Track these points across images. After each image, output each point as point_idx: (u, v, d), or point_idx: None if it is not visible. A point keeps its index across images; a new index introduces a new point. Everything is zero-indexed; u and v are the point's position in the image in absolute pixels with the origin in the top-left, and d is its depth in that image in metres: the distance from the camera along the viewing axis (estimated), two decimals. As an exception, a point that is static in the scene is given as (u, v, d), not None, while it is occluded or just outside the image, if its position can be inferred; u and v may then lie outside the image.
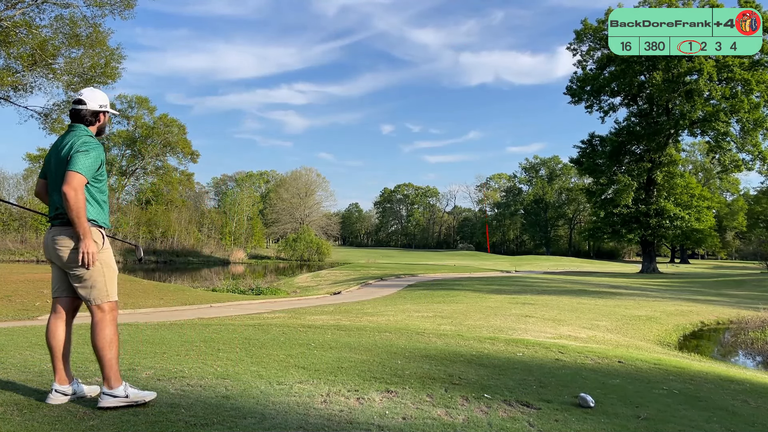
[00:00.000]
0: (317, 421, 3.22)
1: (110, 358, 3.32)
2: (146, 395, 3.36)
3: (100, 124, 3.60)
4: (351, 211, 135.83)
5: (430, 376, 4.58)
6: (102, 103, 3.58)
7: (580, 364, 6.04)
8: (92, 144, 3.38)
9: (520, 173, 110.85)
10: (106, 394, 3.28)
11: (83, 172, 3.25)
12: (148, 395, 3.36)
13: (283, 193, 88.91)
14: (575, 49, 47.03)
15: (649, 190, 43.77)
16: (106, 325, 3.36)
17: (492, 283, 24.80)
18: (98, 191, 3.43)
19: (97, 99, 3.57)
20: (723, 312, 16.52)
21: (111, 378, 3.30)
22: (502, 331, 9.62)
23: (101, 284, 3.35)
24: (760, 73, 38.96)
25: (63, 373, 3.39)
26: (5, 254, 41.22)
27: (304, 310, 13.50)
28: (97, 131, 3.60)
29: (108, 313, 3.38)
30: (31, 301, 12.77)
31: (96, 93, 3.60)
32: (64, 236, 3.32)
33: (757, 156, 41.74)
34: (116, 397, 3.26)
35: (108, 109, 3.64)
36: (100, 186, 3.44)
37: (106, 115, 3.63)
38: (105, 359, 3.32)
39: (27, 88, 27.14)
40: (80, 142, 3.36)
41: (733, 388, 5.51)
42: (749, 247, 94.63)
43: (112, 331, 3.36)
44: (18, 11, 24.69)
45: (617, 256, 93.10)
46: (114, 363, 3.33)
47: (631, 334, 11.62)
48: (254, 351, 5.42)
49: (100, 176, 3.42)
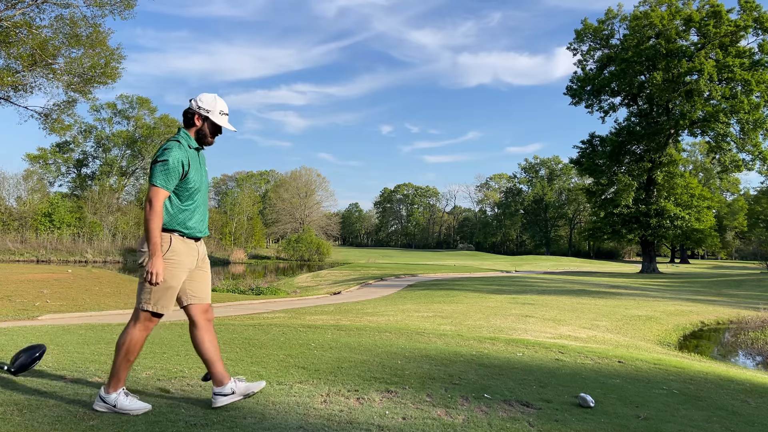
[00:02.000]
0: (317, 421, 3.22)
1: (119, 363, 3.29)
2: (135, 408, 3.22)
3: (197, 128, 3.43)
4: (351, 211, 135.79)
5: (430, 376, 4.58)
6: (205, 107, 3.41)
7: (580, 364, 6.04)
8: (171, 148, 3.27)
9: (519, 173, 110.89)
10: (99, 397, 3.27)
11: (159, 185, 3.21)
12: (137, 409, 3.23)
13: (283, 193, 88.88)
14: (575, 49, 47.06)
15: (650, 190, 43.76)
16: (132, 329, 3.34)
17: (492, 283, 24.79)
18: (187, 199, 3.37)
19: (203, 101, 3.43)
20: (723, 312, 16.51)
21: (110, 383, 3.28)
22: (502, 331, 9.62)
23: (147, 290, 3.31)
24: (760, 74, 38.96)
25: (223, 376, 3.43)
26: (5, 254, 41.21)
27: (304, 310, 13.50)
28: (196, 137, 3.43)
29: (140, 321, 3.34)
30: (31, 301, 12.77)
31: (207, 96, 3.45)
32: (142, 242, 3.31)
33: (757, 156, 41.73)
34: (105, 404, 3.24)
35: (210, 116, 3.41)
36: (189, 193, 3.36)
37: (207, 122, 3.43)
38: (114, 361, 3.31)
39: (27, 88, 27.17)
40: (161, 150, 3.30)
41: (733, 388, 5.51)
42: (749, 247, 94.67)
43: (134, 338, 3.31)
44: (18, 11, 24.69)
45: (617, 256, 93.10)
46: (120, 370, 3.28)
47: (631, 334, 11.62)
48: (254, 351, 5.42)
49: (186, 183, 3.32)
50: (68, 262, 40.42)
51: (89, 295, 14.48)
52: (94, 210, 54.46)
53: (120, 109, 65.25)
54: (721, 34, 39.73)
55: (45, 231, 48.15)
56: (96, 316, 11.35)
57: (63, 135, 42.21)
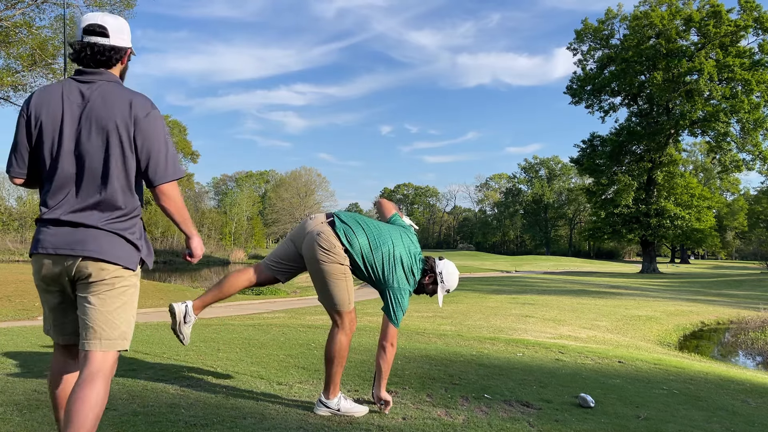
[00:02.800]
0: (317, 421, 3.22)
1: (334, 371, 3.38)
2: (357, 411, 3.41)
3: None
4: (351, 212, 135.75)
5: (430, 376, 4.58)
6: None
7: (580, 364, 6.04)
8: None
9: (519, 174, 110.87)
10: (320, 402, 3.42)
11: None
12: (359, 411, 3.42)
13: (283, 193, 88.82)
14: (575, 49, 47.07)
15: (650, 190, 43.76)
16: (338, 334, 3.40)
17: (492, 283, 24.79)
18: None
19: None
20: (723, 312, 16.51)
21: (329, 389, 3.39)
22: (503, 331, 9.62)
23: (342, 291, 3.39)
24: (761, 73, 38.96)
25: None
26: (5, 254, 41.20)
27: (304, 310, 13.50)
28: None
29: (345, 322, 3.42)
30: (31, 301, 12.76)
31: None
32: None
33: (757, 156, 41.73)
34: (328, 408, 3.38)
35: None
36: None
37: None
38: (329, 370, 3.40)
39: (27, 89, 27.14)
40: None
41: (734, 388, 5.51)
42: (749, 247, 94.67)
43: (344, 342, 3.39)
44: (18, 11, 24.70)
45: (617, 256, 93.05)
46: (335, 376, 3.39)
47: (632, 334, 11.62)
48: (254, 351, 5.42)
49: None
50: (68, 262, 40.34)
51: (89, 295, 14.47)
52: (94, 210, 54.43)
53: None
54: (721, 34, 39.73)
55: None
56: (96, 316, 11.33)
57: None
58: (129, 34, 2.49)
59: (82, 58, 2.38)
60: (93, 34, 2.36)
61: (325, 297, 3.40)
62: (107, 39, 2.38)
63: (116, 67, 2.46)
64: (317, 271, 3.36)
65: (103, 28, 2.37)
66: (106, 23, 2.39)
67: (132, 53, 2.53)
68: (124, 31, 2.44)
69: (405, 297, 3.48)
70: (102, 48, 2.37)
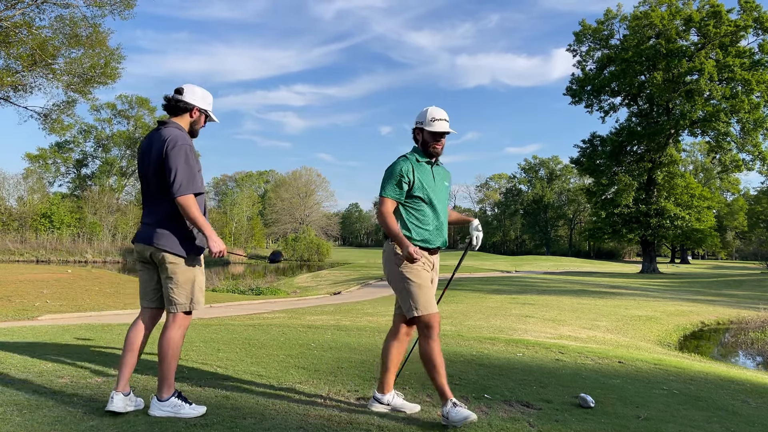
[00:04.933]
0: (317, 421, 3.22)
1: (438, 379, 3.39)
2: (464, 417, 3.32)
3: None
4: (351, 212, 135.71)
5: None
6: (418, 119, 3.65)
7: (581, 364, 6.04)
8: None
9: (519, 174, 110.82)
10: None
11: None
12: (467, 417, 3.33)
13: (283, 193, 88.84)
14: (575, 50, 47.03)
15: (650, 190, 43.74)
16: (421, 341, 3.43)
17: (492, 283, 24.78)
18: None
19: (420, 116, 3.64)
20: (723, 312, 16.50)
21: (443, 395, 3.36)
22: (503, 331, 9.61)
23: (405, 296, 3.41)
24: (761, 73, 38.94)
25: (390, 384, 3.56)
26: (5, 254, 41.20)
27: (304, 310, 13.49)
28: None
29: (429, 329, 3.40)
30: (31, 302, 12.75)
31: (428, 111, 3.63)
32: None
33: (757, 156, 41.72)
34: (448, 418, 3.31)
35: (425, 127, 3.58)
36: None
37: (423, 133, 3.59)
38: (434, 379, 3.42)
39: (27, 89, 27.15)
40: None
41: (734, 388, 5.51)
42: (749, 247, 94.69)
43: (434, 350, 3.39)
44: (18, 11, 24.69)
45: (617, 256, 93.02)
46: (440, 379, 3.39)
47: (632, 334, 11.61)
48: (254, 351, 5.42)
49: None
50: (68, 263, 40.41)
51: (89, 296, 14.47)
52: (93, 210, 54.44)
53: (120, 109, 65.25)
54: (721, 34, 39.72)
55: (45, 231, 48.12)
56: (96, 316, 11.35)
57: (63, 135, 42.19)
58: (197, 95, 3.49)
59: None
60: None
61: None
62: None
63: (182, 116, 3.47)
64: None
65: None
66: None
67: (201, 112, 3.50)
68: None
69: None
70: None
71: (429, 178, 3.53)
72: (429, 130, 3.53)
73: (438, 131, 3.53)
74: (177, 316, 3.26)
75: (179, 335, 3.25)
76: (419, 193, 3.46)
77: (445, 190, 3.66)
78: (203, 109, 3.46)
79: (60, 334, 6.49)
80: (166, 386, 3.19)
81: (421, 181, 3.47)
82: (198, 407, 3.23)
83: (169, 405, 3.16)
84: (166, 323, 3.27)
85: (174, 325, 3.24)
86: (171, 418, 3.12)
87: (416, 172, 3.48)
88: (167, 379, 3.19)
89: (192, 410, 3.18)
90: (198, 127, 3.49)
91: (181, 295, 3.25)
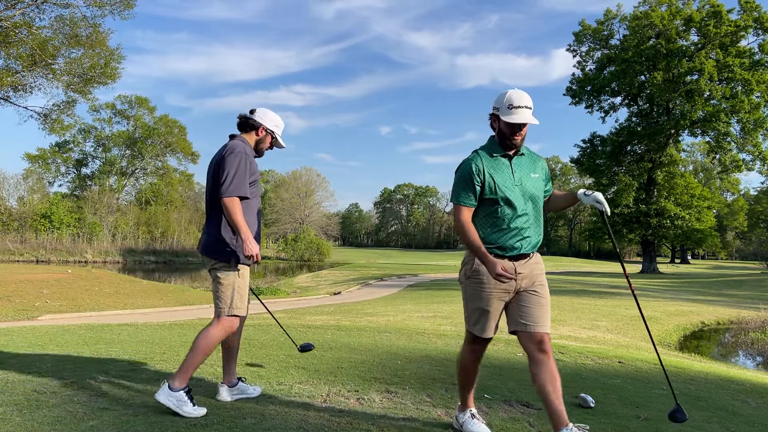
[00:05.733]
0: (317, 421, 3.22)
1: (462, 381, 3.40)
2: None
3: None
4: (351, 212, 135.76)
5: (430, 376, 4.57)
6: (495, 105, 3.12)
7: (580, 364, 6.04)
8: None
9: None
10: (456, 418, 3.38)
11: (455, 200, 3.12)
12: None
13: (283, 193, 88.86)
14: (575, 50, 47.05)
15: (650, 190, 43.75)
16: (461, 348, 3.49)
17: (492, 283, 24.72)
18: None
19: (497, 101, 3.16)
20: (723, 312, 16.50)
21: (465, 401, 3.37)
22: (503, 331, 9.60)
23: (466, 310, 3.37)
24: (761, 73, 38.94)
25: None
26: (5, 254, 41.18)
27: (304, 310, 13.50)
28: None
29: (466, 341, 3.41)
30: (31, 302, 12.76)
31: (505, 95, 3.14)
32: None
33: (757, 156, 41.71)
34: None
35: (501, 116, 3.06)
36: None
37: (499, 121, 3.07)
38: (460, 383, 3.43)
39: (27, 89, 27.16)
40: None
41: (734, 388, 5.50)
42: (749, 247, 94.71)
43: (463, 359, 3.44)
44: (18, 11, 24.68)
45: (617, 257, 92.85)
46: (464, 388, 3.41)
47: (632, 334, 11.61)
48: (254, 351, 5.42)
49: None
50: (68, 263, 40.41)
51: (89, 296, 14.47)
52: (93, 210, 54.42)
53: (119, 109, 65.20)
54: (722, 34, 39.71)
55: (44, 231, 48.12)
56: (96, 316, 11.35)
57: (63, 135, 42.18)
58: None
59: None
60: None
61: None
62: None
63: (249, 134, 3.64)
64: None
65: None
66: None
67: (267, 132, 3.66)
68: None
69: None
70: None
71: (506, 176, 3.00)
72: (505, 119, 2.98)
73: (515, 122, 2.98)
74: (220, 318, 3.42)
75: (218, 336, 3.39)
76: (491, 196, 2.98)
77: (535, 183, 3.10)
78: (270, 129, 3.61)
79: (60, 334, 6.49)
80: (182, 377, 3.26)
81: (493, 180, 2.97)
82: (199, 408, 3.23)
83: (176, 397, 3.19)
84: (211, 322, 3.46)
85: (217, 325, 3.41)
86: (171, 418, 3.12)
87: (488, 170, 2.99)
88: (186, 372, 3.29)
89: (193, 410, 3.19)
90: (263, 146, 3.64)
91: (221, 299, 3.43)
